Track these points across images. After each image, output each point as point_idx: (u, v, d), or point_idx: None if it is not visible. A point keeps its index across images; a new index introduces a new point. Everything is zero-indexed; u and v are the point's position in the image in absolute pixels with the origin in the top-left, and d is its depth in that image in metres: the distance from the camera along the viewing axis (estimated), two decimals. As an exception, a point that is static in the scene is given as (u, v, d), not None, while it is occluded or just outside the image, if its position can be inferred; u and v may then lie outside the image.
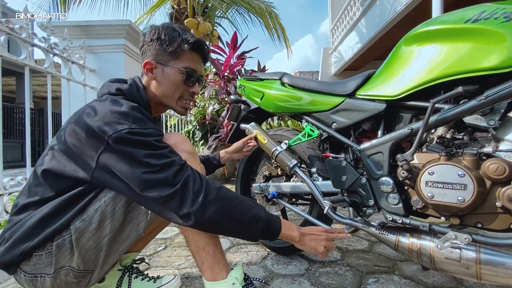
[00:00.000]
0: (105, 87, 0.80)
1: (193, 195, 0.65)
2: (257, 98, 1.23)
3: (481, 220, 0.68)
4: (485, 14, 0.67)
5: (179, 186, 0.64)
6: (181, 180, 0.65)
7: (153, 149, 0.66)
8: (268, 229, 0.72)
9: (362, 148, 0.86)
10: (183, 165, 0.68)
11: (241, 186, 1.46)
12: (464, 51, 0.69)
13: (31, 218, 0.70)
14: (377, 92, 0.86)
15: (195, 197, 0.65)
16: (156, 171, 0.64)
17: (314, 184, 1.00)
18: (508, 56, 0.63)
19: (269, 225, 0.73)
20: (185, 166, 0.69)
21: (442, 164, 0.69)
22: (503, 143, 0.67)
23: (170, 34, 0.79)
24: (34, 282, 0.69)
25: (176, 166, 0.66)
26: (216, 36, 5.01)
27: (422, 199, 0.73)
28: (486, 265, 0.67)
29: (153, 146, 0.66)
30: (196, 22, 4.37)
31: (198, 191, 0.65)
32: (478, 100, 0.66)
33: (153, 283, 0.92)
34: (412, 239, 0.77)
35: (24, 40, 1.24)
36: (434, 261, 0.74)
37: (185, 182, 0.65)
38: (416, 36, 0.80)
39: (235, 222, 0.69)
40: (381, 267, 1.08)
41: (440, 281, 0.96)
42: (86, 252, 0.69)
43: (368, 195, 0.85)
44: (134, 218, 0.74)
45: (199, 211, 0.64)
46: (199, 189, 0.66)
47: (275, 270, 1.08)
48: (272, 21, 5.88)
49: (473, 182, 0.64)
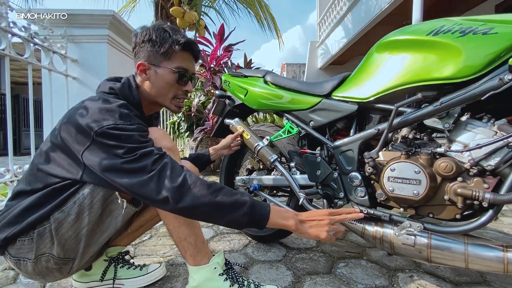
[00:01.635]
0: (101, 86, 0.83)
1: (171, 179, 0.66)
2: (241, 95, 1.28)
3: (433, 211, 0.77)
4: (444, 28, 0.75)
5: (156, 171, 0.66)
6: (159, 166, 0.67)
7: (134, 143, 0.68)
8: (253, 215, 0.68)
9: (335, 145, 0.94)
10: (162, 155, 0.70)
11: (225, 178, 1.52)
12: (424, 61, 0.77)
13: (18, 206, 0.74)
14: (350, 94, 0.94)
15: (173, 181, 0.66)
16: (135, 160, 0.67)
17: (292, 177, 1.07)
18: (462, 68, 0.71)
19: (254, 211, 0.69)
20: (164, 155, 0.71)
21: (402, 161, 0.78)
22: (455, 144, 0.76)
23: (161, 35, 0.81)
24: (18, 265, 0.74)
25: (155, 156, 0.68)
26: (203, 26, 4.91)
27: (385, 193, 0.82)
28: (436, 250, 0.77)
29: (135, 140, 0.69)
30: (182, 11, 4.27)
31: (177, 175, 0.67)
32: (434, 106, 0.75)
33: (139, 271, 0.97)
34: (376, 227, 0.87)
35: (3, 30, 1.22)
36: (394, 246, 0.83)
37: (163, 167, 0.67)
38: (385, 44, 0.87)
39: (216, 207, 0.67)
40: (351, 253, 1.19)
41: (401, 265, 1.08)
42: (66, 241, 0.73)
43: (339, 188, 0.93)
44: (113, 211, 0.77)
45: (177, 195, 0.65)
46: (178, 174, 0.67)
47: (255, 257, 1.16)
48: (262, 10, 5.83)
49: (426, 178, 0.73)
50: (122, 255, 1.00)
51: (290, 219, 0.72)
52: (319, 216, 0.74)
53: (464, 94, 0.70)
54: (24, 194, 0.76)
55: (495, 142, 0.68)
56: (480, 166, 0.71)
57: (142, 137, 0.72)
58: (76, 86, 1.76)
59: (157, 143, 0.77)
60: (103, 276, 0.93)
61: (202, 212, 0.67)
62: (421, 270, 1.04)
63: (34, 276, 0.78)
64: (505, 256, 0.69)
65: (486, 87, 0.67)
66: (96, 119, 0.69)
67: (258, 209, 0.70)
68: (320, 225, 0.72)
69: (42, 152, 0.78)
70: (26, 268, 0.74)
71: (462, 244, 0.74)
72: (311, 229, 0.72)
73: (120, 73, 1.93)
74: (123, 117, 0.71)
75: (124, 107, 0.74)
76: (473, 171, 0.71)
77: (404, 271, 1.03)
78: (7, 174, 1.26)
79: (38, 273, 0.76)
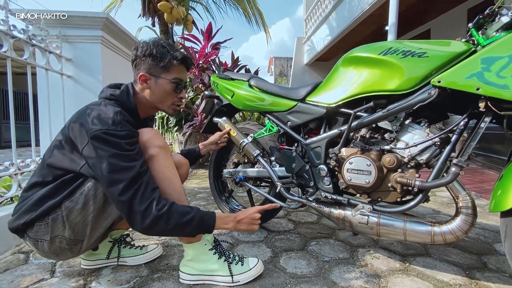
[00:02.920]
0: (103, 92, 0.96)
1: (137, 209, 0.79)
2: (228, 96, 1.43)
3: (381, 196, 0.97)
4: (392, 50, 0.94)
5: (131, 193, 0.78)
6: (133, 189, 0.78)
7: (120, 150, 0.80)
8: (202, 226, 0.88)
9: (307, 143, 1.12)
10: (140, 173, 0.81)
11: (214, 171, 1.68)
12: (376, 75, 0.95)
13: (34, 197, 0.87)
14: (320, 100, 1.11)
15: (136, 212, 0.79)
16: (116, 171, 0.78)
17: (272, 169, 1.25)
18: (403, 82, 0.90)
19: (203, 223, 0.87)
20: (143, 174, 0.82)
21: (357, 156, 0.96)
22: (399, 142, 0.95)
23: (160, 51, 0.94)
24: (36, 245, 0.88)
25: (132, 172, 0.79)
26: (191, 21, 4.96)
27: (345, 181, 1.00)
28: (383, 226, 0.97)
29: (121, 147, 0.80)
30: (170, 6, 4.31)
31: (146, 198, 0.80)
32: (383, 112, 0.94)
33: (139, 250, 1.13)
34: (339, 210, 1.06)
35: (5, 33, 1.30)
36: (352, 225, 1.03)
37: (135, 192, 0.79)
38: (348, 59, 1.05)
39: (175, 230, 0.84)
40: (322, 234, 1.39)
41: (362, 243, 1.29)
42: (75, 225, 0.87)
43: (310, 178, 1.12)
44: None
45: (138, 227, 0.80)
46: (147, 197, 0.80)
47: (240, 238, 1.33)
48: (250, 6, 5.90)
49: (375, 170, 0.93)
50: (123, 237, 1.14)
51: (229, 223, 0.95)
52: (250, 215, 0.97)
53: (404, 104, 0.89)
54: (37, 186, 0.90)
55: (426, 142, 0.88)
56: (415, 160, 0.91)
57: (128, 145, 0.82)
58: (70, 83, 1.85)
59: (150, 142, 0.90)
60: (109, 254, 1.08)
61: (159, 231, 0.83)
62: (377, 246, 1.25)
63: (49, 255, 0.92)
64: (432, 230, 0.90)
65: (418, 99, 0.86)
66: (94, 123, 0.82)
67: (206, 221, 0.89)
68: (253, 219, 0.97)
69: (51, 149, 0.91)
70: (43, 248, 0.88)
71: (402, 222, 0.95)
72: (245, 225, 0.96)
73: (113, 70, 2.05)
74: (115, 124, 0.82)
75: (119, 114, 0.85)
76: (410, 164, 0.91)
77: (364, 247, 1.24)
78: (12, 167, 1.37)
79: (53, 252, 0.90)
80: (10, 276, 1.02)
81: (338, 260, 1.12)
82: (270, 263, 1.10)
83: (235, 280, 0.94)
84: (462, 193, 0.87)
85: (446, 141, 0.87)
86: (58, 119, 1.78)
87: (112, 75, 2.01)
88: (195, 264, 0.97)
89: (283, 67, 19.77)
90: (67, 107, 1.80)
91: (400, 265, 1.08)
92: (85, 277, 1.02)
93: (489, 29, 0.83)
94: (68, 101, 1.82)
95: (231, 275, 0.94)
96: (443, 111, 0.99)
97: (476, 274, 1.03)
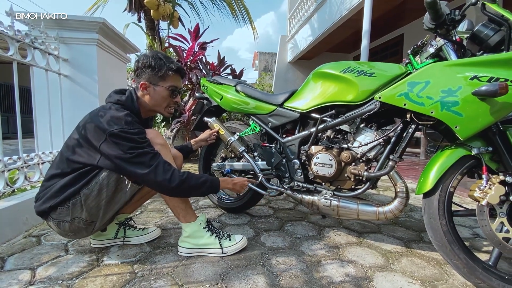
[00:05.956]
0: (111, 96, 1.13)
1: (164, 173, 1.02)
2: (217, 98, 1.63)
3: (339, 184, 1.23)
4: (349, 69, 1.18)
5: (153, 167, 1.01)
6: (155, 163, 1.01)
7: (136, 143, 1.02)
8: (212, 185, 1.15)
9: (284, 141, 1.35)
10: (155, 154, 1.04)
11: (203, 165, 1.88)
12: (338, 88, 1.20)
13: (56, 185, 1.05)
14: (295, 105, 1.35)
15: (165, 174, 1.02)
16: (136, 156, 1.00)
17: (255, 163, 1.48)
18: (357, 95, 1.14)
19: (213, 184, 1.16)
20: (158, 155, 1.04)
21: (322, 153, 1.21)
22: (355, 142, 1.21)
23: (158, 63, 1.14)
24: (58, 225, 1.06)
25: (150, 154, 1.02)
26: (177, 18, 5.03)
27: (313, 173, 1.25)
28: (342, 208, 1.23)
29: (136, 141, 1.02)
30: (157, 3, 4.37)
31: (167, 170, 1.03)
32: (342, 118, 1.19)
33: (141, 232, 1.32)
34: (309, 196, 1.31)
35: (11, 38, 1.43)
36: (319, 208, 1.28)
37: (157, 164, 1.02)
38: (317, 73, 1.28)
39: (194, 189, 1.09)
40: (297, 217, 1.65)
41: (329, 224, 1.56)
42: (91, 209, 1.06)
43: (285, 170, 1.36)
44: (123, 188, 1.11)
45: (167, 183, 1.02)
46: (168, 169, 1.03)
47: (227, 222, 1.56)
48: (236, 2, 6.01)
49: (335, 163, 1.18)
50: (127, 220, 1.33)
51: (229, 184, 1.27)
52: (242, 181, 1.32)
53: (358, 112, 1.15)
54: (56, 177, 1.07)
55: (373, 142, 1.14)
56: (366, 156, 1.17)
57: (141, 139, 1.03)
58: (67, 82, 1.96)
59: (152, 141, 1.10)
60: (116, 234, 1.27)
61: (184, 190, 1.07)
62: (341, 226, 1.52)
63: (68, 233, 1.10)
64: (377, 210, 1.17)
65: (368, 109, 1.12)
66: (109, 123, 1.01)
67: (214, 182, 1.17)
68: (243, 185, 1.32)
69: (69, 146, 1.08)
70: (64, 227, 1.06)
71: (356, 204, 1.21)
72: (239, 187, 1.30)
73: (107, 71, 2.17)
74: (128, 123, 1.03)
75: (129, 116, 1.06)
76: (362, 159, 1.17)
77: (330, 227, 1.51)
78: (19, 161, 1.50)
79: (71, 230, 1.08)
80: (29, 254, 1.19)
81: (308, 237, 1.38)
82: (253, 240, 1.34)
83: (224, 252, 1.17)
84: (399, 181, 1.15)
85: (388, 141, 1.14)
86: (56, 115, 1.90)
87: (107, 75, 2.13)
88: (191, 240, 1.18)
89: (267, 62, 19.87)
90: (64, 104, 1.92)
91: (356, 240, 1.36)
92: (96, 253, 1.21)
93: (421, 56, 1.10)
94: (65, 99, 1.94)
95: (221, 247, 1.17)
96: (390, 118, 1.26)
97: (412, 244, 1.32)
